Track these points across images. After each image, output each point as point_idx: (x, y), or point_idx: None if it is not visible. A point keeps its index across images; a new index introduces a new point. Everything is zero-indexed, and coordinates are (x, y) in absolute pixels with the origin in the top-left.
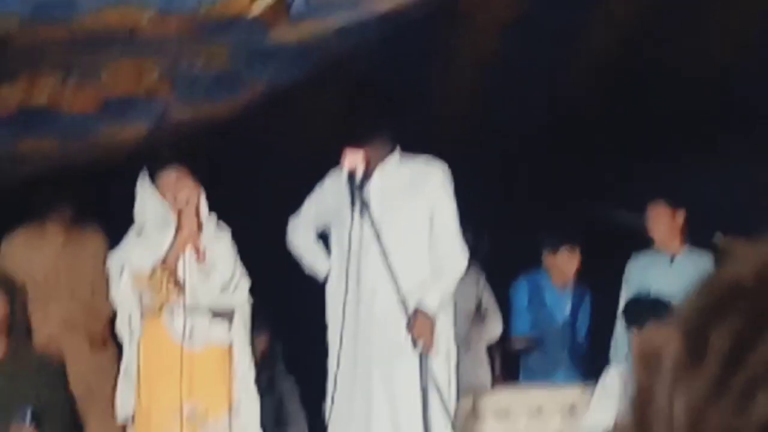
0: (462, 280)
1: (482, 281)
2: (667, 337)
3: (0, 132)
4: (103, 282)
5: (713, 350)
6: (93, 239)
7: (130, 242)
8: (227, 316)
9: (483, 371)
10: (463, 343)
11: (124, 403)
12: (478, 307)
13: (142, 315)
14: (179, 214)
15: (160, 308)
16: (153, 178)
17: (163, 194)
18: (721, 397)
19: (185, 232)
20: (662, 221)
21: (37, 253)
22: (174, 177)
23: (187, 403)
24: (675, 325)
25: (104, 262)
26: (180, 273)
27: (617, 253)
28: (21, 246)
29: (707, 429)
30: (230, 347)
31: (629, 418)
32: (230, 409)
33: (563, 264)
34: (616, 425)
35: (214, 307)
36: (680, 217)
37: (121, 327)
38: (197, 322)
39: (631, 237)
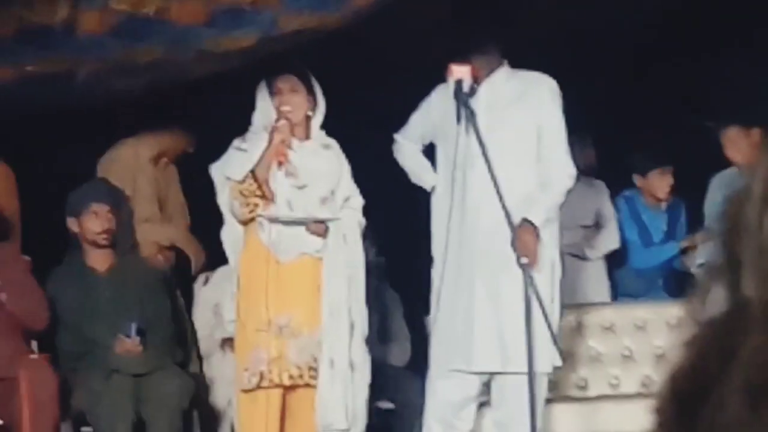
0: (581, 191)
1: (604, 193)
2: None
3: (109, 41)
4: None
5: None
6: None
7: (230, 151)
8: (320, 229)
9: (600, 284)
10: (580, 253)
11: (229, 312)
12: (597, 220)
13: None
14: (276, 125)
15: (251, 218)
16: (270, 84)
17: (273, 100)
18: None
19: (276, 141)
20: (738, 143)
21: (140, 172)
22: (290, 85)
23: (278, 316)
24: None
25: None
26: (271, 183)
27: (712, 166)
28: (125, 162)
29: None
30: (322, 259)
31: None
32: (323, 322)
33: (654, 186)
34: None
35: (310, 219)
36: (755, 135)
37: (226, 239)
38: (289, 233)
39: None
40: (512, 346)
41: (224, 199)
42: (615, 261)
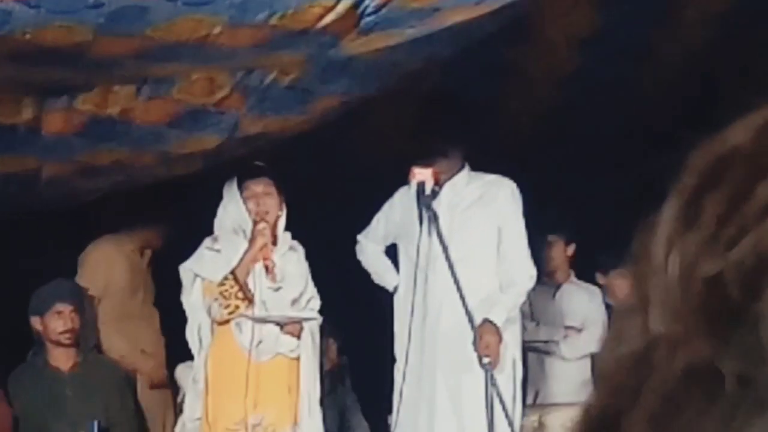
0: (574, 293)
1: (597, 298)
2: (664, 211)
3: (74, 142)
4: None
5: (707, 213)
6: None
7: (203, 251)
8: (296, 329)
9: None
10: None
11: (192, 410)
12: (583, 323)
13: (211, 325)
14: (255, 226)
15: (229, 319)
16: (241, 187)
17: (246, 204)
18: (711, 248)
19: (258, 244)
20: None
21: (115, 267)
22: (261, 188)
23: (252, 415)
24: (672, 195)
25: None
26: (250, 285)
27: None
28: (100, 259)
29: (694, 279)
30: (297, 359)
31: (633, 284)
32: (295, 423)
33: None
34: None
35: (283, 321)
36: None
37: (191, 337)
38: (266, 334)
39: None
40: None
41: (193, 298)
42: None
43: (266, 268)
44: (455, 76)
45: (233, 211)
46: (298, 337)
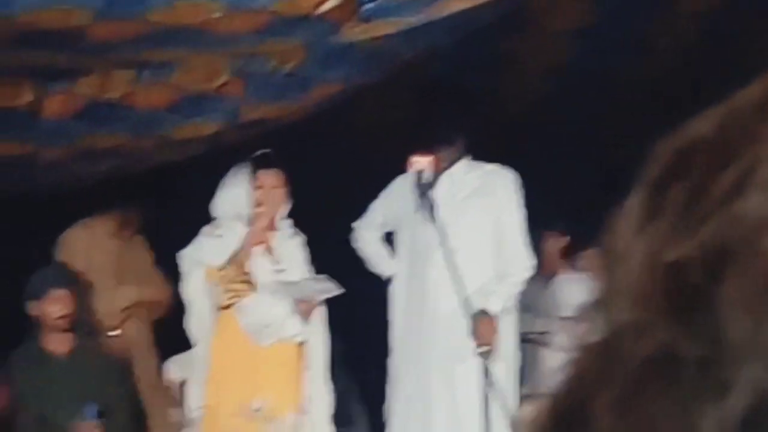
0: (570, 284)
1: None
2: (629, 201)
3: (73, 126)
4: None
5: (671, 202)
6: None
7: (203, 238)
8: (308, 309)
9: None
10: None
11: (194, 399)
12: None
13: (212, 311)
14: (256, 211)
15: (230, 304)
16: (253, 174)
17: (254, 193)
18: (675, 235)
19: (258, 228)
20: None
21: (96, 248)
22: (273, 179)
23: (255, 400)
24: (637, 186)
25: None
26: (252, 269)
27: None
28: (81, 240)
29: (658, 266)
30: (300, 345)
31: (601, 274)
32: (298, 407)
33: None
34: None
35: (306, 291)
36: None
37: (192, 324)
38: (272, 318)
39: None
40: None
41: (193, 286)
42: None
43: (267, 249)
44: (454, 65)
45: (237, 197)
46: (308, 318)
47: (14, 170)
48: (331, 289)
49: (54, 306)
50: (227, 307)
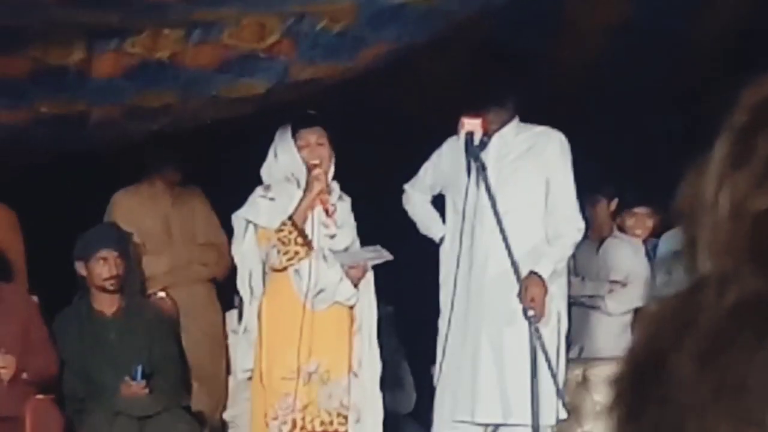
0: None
1: (640, 251)
2: (714, 149)
3: (123, 84)
4: (216, 237)
5: (758, 150)
6: (197, 197)
7: (256, 200)
8: (359, 273)
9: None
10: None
11: (243, 360)
12: (627, 277)
13: (264, 273)
14: (311, 172)
15: (287, 265)
16: (294, 135)
17: (300, 153)
18: (762, 185)
19: (316, 189)
20: None
21: (148, 211)
22: (316, 137)
23: (308, 362)
24: (723, 133)
25: (209, 217)
26: (308, 231)
27: None
28: (132, 203)
29: (744, 214)
30: (351, 308)
31: (680, 215)
32: (350, 369)
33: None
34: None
35: (361, 258)
36: None
37: (242, 285)
38: (327, 282)
39: None
40: (516, 399)
41: (245, 247)
42: None
43: (326, 212)
44: (507, 26)
45: (286, 159)
46: (358, 282)
47: (65, 129)
48: (381, 255)
49: (102, 267)
50: (283, 269)
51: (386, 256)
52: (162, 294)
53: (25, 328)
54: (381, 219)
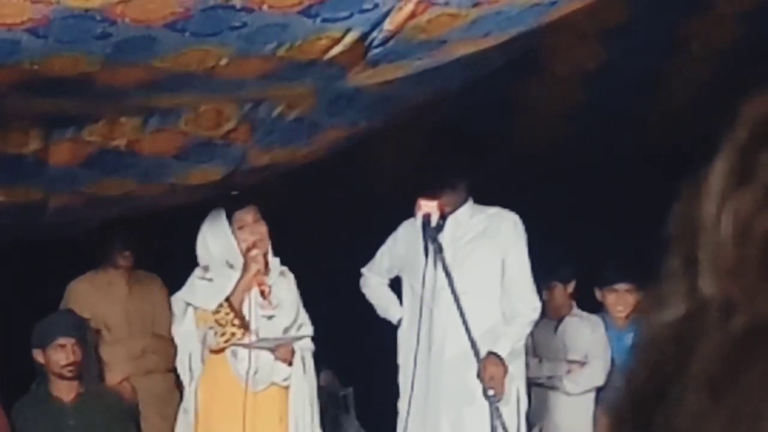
0: (575, 326)
1: (599, 329)
2: (714, 165)
3: (80, 173)
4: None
5: (762, 166)
6: (155, 284)
7: (194, 281)
8: (288, 355)
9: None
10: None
11: None
12: (586, 356)
13: (203, 355)
14: (247, 253)
15: (224, 347)
16: (229, 217)
17: (237, 234)
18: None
19: (253, 271)
20: None
21: (104, 298)
22: (251, 217)
23: None
24: (723, 149)
25: (168, 306)
26: (245, 312)
27: None
28: (88, 291)
29: (753, 235)
30: (287, 388)
31: (677, 245)
32: None
33: (609, 303)
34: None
35: (278, 343)
36: None
37: (181, 366)
38: (262, 362)
39: None
40: None
41: (184, 328)
42: None
43: (262, 293)
44: (462, 109)
45: (222, 242)
46: (290, 363)
47: (22, 217)
48: (303, 331)
49: (60, 354)
50: (220, 350)
51: (305, 331)
52: (124, 382)
53: None
54: (339, 302)
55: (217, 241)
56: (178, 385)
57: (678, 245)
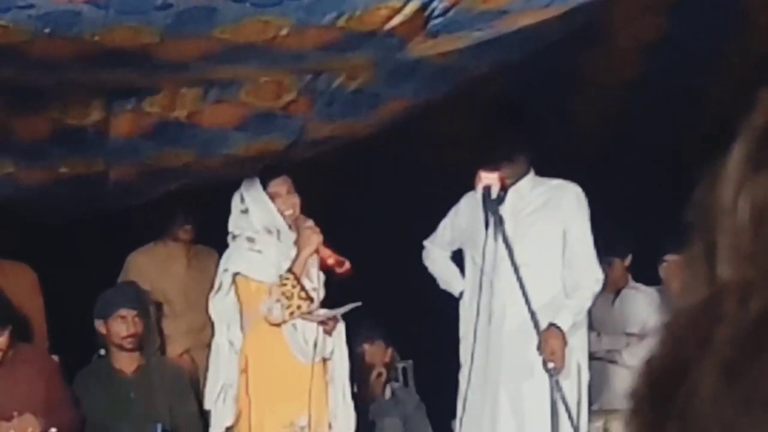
0: (632, 299)
1: (655, 302)
2: (732, 152)
3: (141, 145)
4: None
5: None
6: (213, 259)
7: (245, 253)
8: (332, 327)
9: None
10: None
11: (223, 414)
12: (643, 328)
13: (242, 327)
14: (304, 223)
15: (289, 319)
16: (264, 186)
17: (275, 203)
18: None
19: (315, 241)
20: None
21: (162, 271)
22: (286, 186)
23: (299, 417)
24: (741, 136)
25: None
26: (308, 284)
27: None
28: (147, 263)
29: None
30: (324, 360)
31: (697, 230)
32: (329, 423)
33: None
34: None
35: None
36: None
37: (220, 337)
38: (319, 335)
39: None
40: None
41: (228, 299)
42: None
43: (336, 264)
44: (522, 81)
45: (260, 211)
46: (330, 334)
47: (84, 189)
48: (347, 305)
49: (121, 326)
50: (280, 323)
51: (350, 304)
52: (185, 354)
53: (47, 388)
54: (402, 275)
55: (255, 211)
56: None
57: (698, 231)
